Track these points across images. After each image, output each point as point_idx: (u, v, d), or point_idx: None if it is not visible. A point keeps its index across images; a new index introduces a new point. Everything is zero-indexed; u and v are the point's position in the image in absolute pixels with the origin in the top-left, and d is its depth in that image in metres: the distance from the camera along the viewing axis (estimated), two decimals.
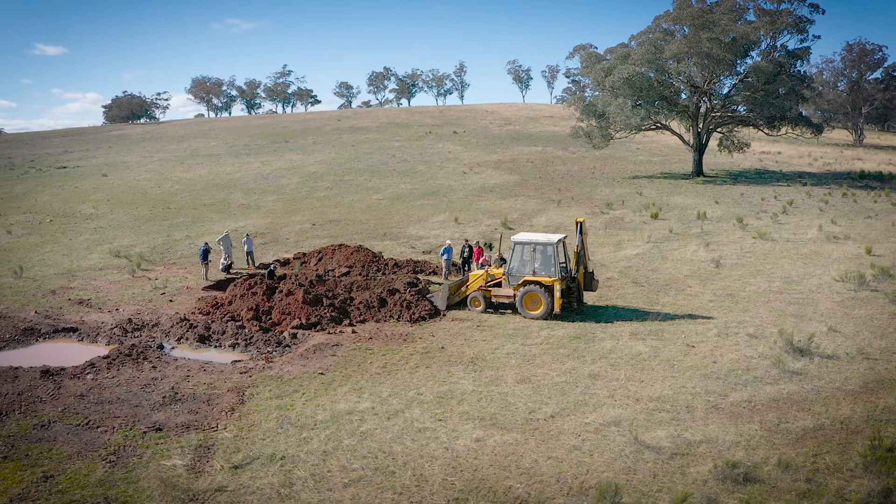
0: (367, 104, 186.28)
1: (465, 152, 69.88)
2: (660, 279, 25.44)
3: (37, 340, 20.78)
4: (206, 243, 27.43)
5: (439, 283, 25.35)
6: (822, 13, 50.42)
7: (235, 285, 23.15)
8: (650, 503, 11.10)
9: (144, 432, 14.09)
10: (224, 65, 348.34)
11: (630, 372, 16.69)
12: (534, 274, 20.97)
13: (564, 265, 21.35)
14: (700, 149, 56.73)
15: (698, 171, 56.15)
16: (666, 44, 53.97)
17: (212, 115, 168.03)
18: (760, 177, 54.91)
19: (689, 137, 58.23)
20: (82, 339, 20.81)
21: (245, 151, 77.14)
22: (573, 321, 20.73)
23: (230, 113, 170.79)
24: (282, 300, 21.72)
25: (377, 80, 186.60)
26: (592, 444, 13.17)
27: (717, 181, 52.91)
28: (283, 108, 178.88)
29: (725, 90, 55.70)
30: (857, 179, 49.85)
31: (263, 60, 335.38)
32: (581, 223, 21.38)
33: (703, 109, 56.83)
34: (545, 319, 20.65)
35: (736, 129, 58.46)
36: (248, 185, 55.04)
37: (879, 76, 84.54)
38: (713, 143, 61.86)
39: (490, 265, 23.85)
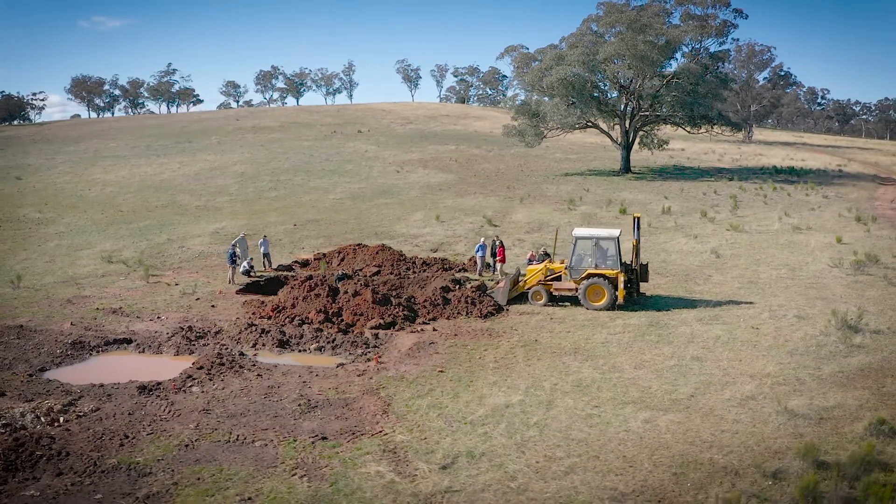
0: (248, 103, 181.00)
1: (381, 151, 70.23)
2: (678, 270, 27.37)
3: (90, 354, 19.28)
4: (234, 246, 26.31)
5: (476, 280, 25.88)
6: (746, 18, 55.22)
7: (293, 288, 22.51)
8: (841, 457, 12.43)
9: (313, 443, 13.72)
10: (98, 63, 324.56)
11: (726, 353, 18.19)
12: (596, 267, 22.08)
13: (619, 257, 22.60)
14: (628, 146, 60.21)
15: (626, 167, 59.58)
16: (598, 45, 56.82)
17: (93, 115, 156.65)
18: (682, 173, 59.00)
19: (616, 136, 61.63)
20: (143, 351, 19.53)
21: (152, 152, 73.77)
22: (635, 311, 22.06)
23: (113, 113, 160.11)
24: (349, 301, 21.44)
25: (265, 79, 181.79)
26: (750, 417, 14.45)
27: (648, 177, 56.40)
28: (168, 108, 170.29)
29: (654, 90, 59.54)
30: (775, 174, 55.05)
31: (139, 59, 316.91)
32: (638, 218, 22.75)
33: (630, 109, 60.42)
34: (609, 310, 21.82)
35: (657, 127, 62.64)
36: (183, 186, 52.49)
37: (767, 76, 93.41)
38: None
39: (536, 261, 24.69)
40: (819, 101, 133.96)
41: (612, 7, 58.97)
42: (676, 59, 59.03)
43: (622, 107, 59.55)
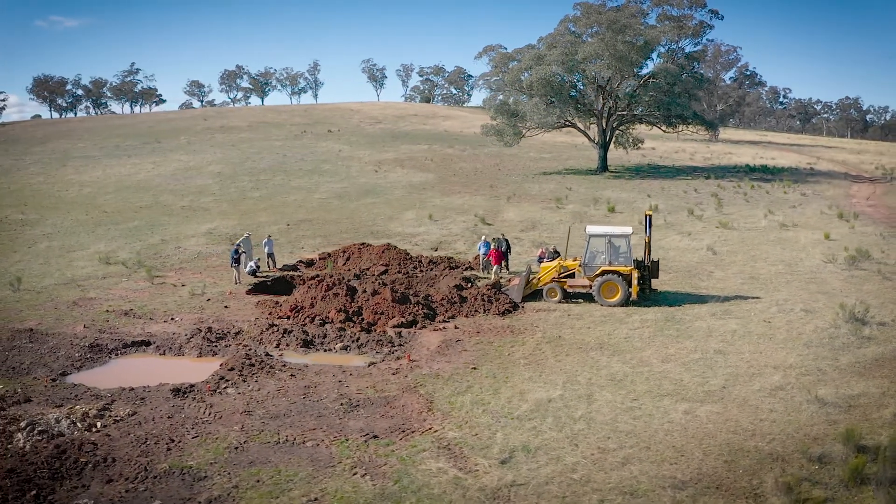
0: (211, 103, 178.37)
1: (355, 151, 70.23)
2: (679, 266, 28.03)
3: (109, 357, 18.94)
4: (239, 245, 26.05)
5: (483, 278, 26.10)
6: (722, 18, 56.55)
7: (310, 287, 22.42)
8: (879, 441, 13.02)
9: (365, 441, 13.74)
10: (58, 63, 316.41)
11: (746, 346, 18.77)
12: (610, 264, 22.52)
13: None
14: (605, 145, 61.11)
15: (603, 166, 60.48)
16: (576, 46, 57.53)
17: (55, 115, 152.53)
18: (658, 171, 60.08)
19: (593, 135, 62.49)
20: (164, 353, 19.24)
21: (122, 152, 72.64)
22: (648, 306, 22.56)
23: (76, 113, 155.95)
24: (368, 300, 21.46)
25: (230, 79, 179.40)
26: (784, 406, 15.00)
27: (626, 176, 57.31)
28: (131, 108, 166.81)
29: (631, 90, 60.48)
30: (749, 172, 56.54)
31: (100, 59, 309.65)
32: (650, 216, 23.26)
33: (607, 108, 61.28)
34: (622, 306, 22.27)
35: (633, 127, 63.67)
36: (163, 186, 51.68)
37: (734, 76, 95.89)
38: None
39: (546, 259, 25.03)
40: (781, 100, 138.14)
41: (589, 8, 59.78)
42: (653, 60, 60.31)
43: (599, 106, 60.44)
